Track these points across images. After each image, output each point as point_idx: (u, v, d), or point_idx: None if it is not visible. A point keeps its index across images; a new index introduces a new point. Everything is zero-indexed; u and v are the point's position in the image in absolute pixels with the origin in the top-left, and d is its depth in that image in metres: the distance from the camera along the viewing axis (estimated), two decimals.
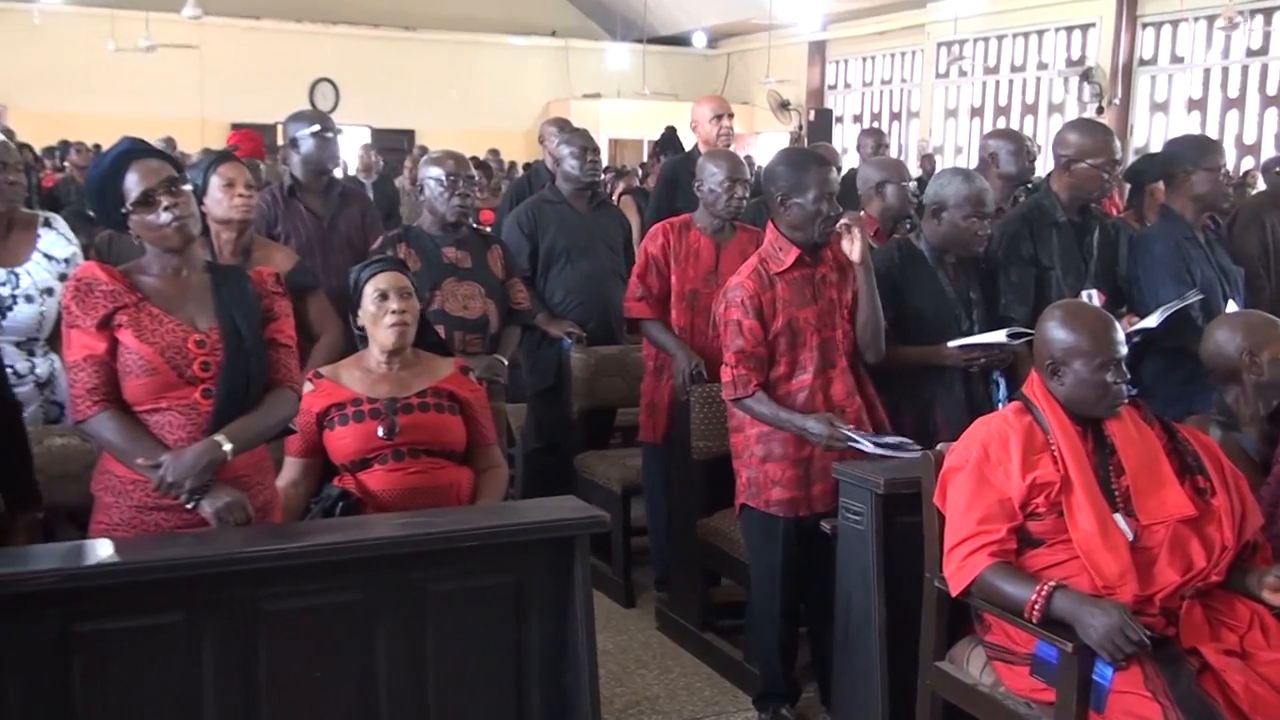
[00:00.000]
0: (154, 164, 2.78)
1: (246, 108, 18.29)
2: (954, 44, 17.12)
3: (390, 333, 3.32)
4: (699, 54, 22.02)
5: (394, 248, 4.14)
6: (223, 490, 2.70)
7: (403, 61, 20.30)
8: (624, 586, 4.80)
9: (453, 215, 4.24)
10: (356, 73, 19.85)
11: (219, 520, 2.68)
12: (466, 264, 4.22)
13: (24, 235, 3.56)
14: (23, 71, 17.86)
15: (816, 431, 3.52)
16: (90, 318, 2.73)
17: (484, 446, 3.48)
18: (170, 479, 2.65)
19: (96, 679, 2.45)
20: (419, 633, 2.71)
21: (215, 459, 2.69)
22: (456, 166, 4.28)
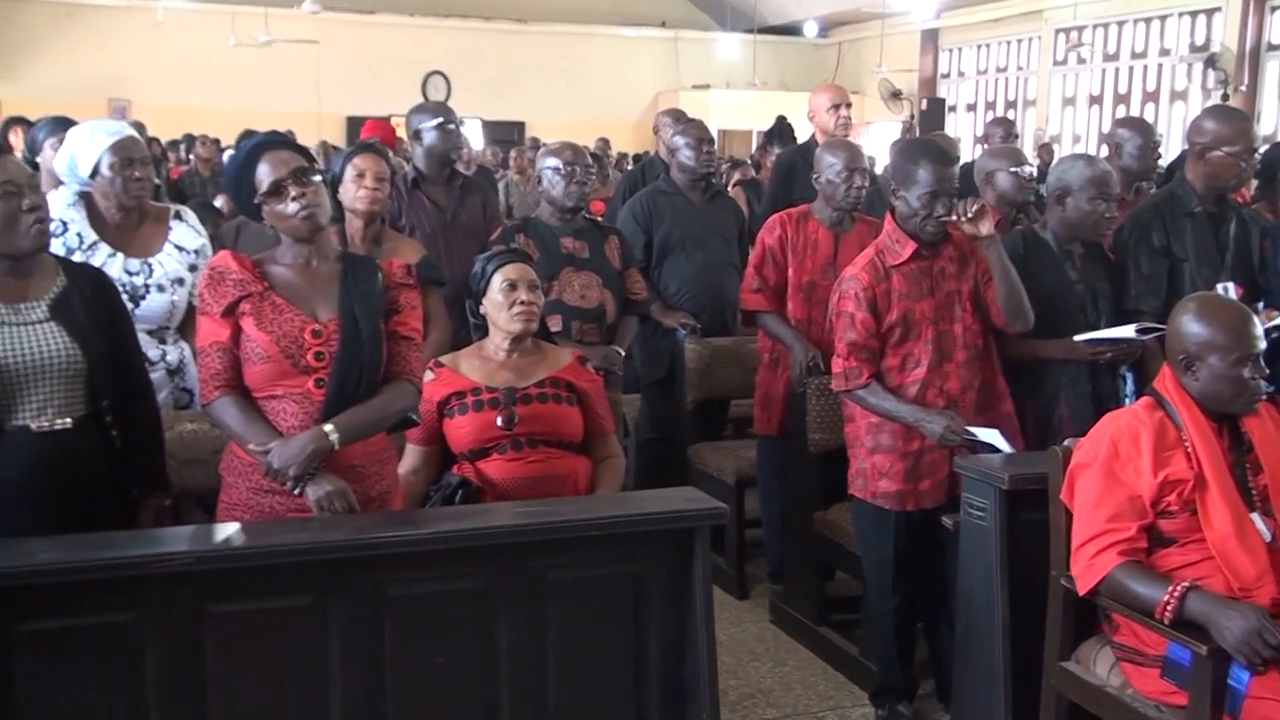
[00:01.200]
0: (284, 155, 2.83)
1: (361, 101, 18.59)
2: (1072, 30, 16.70)
3: (517, 321, 3.34)
4: (809, 44, 21.82)
5: (513, 238, 4.17)
6: (326, 479, 2.74)
7: (513, 53, 20.46)
8: (737, 578, 4.79)
9: (571, 201, 4.26)
10: (468, 65, 20.06)
11: (318, 508, 2.72)
12: (584, 254, 4.24)
13: (156, 227, 3.66)
14: (146, 67, 18.40)
15: (931, 428, 3.47)
16: (217, 305, 2.80)
17: (602, 436, 3.49)
18: (276, 465, 2.71)
19: (229, 658, 2.51)
20: (539, 621, 2.73)
21: (321, 448, 2.72)
22: (573, 156, 4.30)
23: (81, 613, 2.43)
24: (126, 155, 3.52)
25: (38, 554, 2.43)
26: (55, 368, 2.76)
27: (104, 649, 2.44)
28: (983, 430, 3.47)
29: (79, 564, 2.41)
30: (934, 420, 3.49)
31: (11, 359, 2.71)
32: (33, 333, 2.76)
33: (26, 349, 2.74)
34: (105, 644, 2.44)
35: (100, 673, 2.45)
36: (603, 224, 4.64)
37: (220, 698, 2.52)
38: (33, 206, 2.74)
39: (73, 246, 3.49)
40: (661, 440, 5.14)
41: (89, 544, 2.53)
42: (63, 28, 18.52)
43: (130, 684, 2.46)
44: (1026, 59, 18.57)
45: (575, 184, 4.25)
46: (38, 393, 2.75)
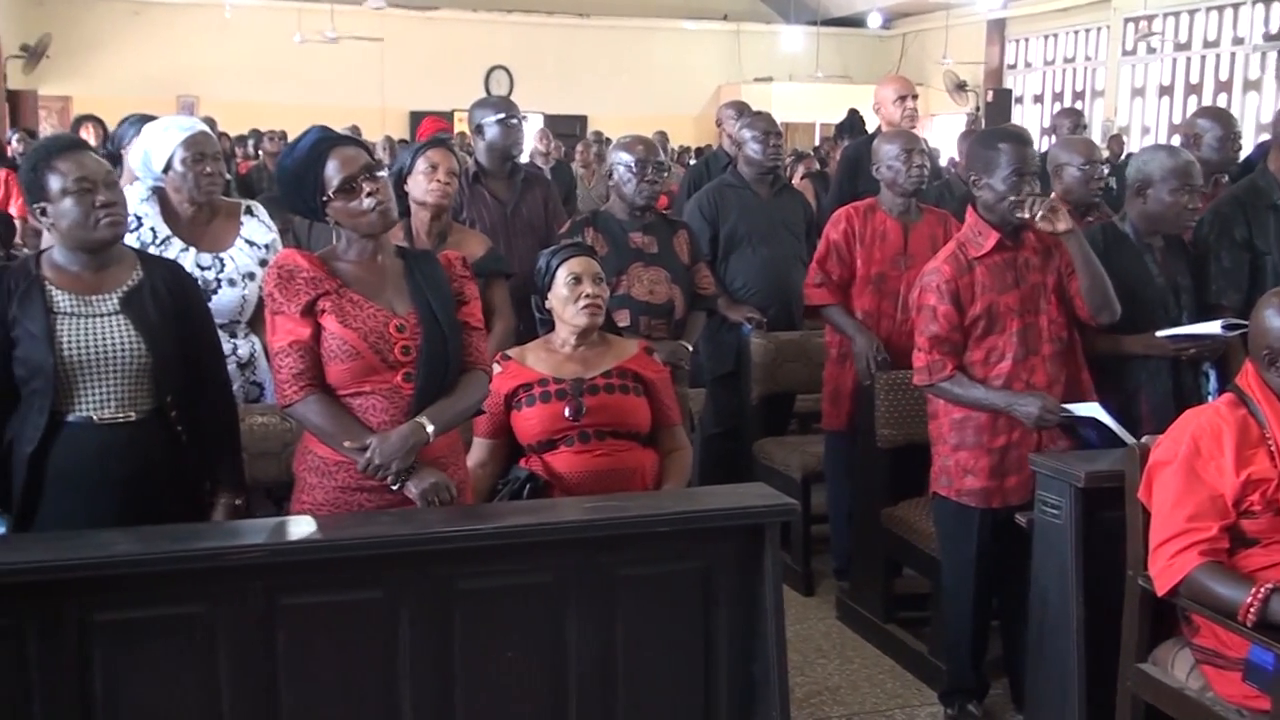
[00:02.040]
0: (351, 151, 2.83)
1: (424, 96, 18.73)
2: (1142, 19, 16.44)
3: (583, 314, 3.33)
4: (873, 35, 21.63)
5: (582, 232, 4.16)
6: (427, 471, 2.75)
7: (576, 48, 20.48)
8: (803, 575, 4.75)
9: (642, 199, 4.24)
10: (530, 60, 20.11)
11: (424, 501, 2.73)
12: (653, 249, 4.21)
13: (227, 222, 3.68)
14: (214, 64, 18.63)
15: (1026, 410, 3.41)
16: (294, 304, 2.79)
17: (669, 427, 3.47)
18: (378, 461, 2.71)
19: (300, 651, 2.53)
20: (608, 616, 2.72)
21: (419, 441, 2.74)
22: (646, 152, 4.28)
23: (156, 603, 2.46)
24: (199, 150, 3.55)
25: (114, 545, 2.46)
26: (121, 361, 2.78)
27: (178, 640, 2.47)
28: (1081, 405, 3.40)
29: (155, 556, 2.44)
30: (1028, 402, 3.42)
31: (77, 351, 2.74)
32: (101, 325, 2.78)
33: (93, 341, 2.76)
34: (179, 635, 2.47)
35: (174, 663, 2.47)
36: (672, 219, 4.61)
37: (291, 689, 2.53)
38: (106, 202, 2.76)
39: (146, 241, 3.52)
40: (726, 435, 5.11)
41: (163, 536, 2.56)
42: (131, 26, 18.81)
43: (203, 674, 2.48)
44: (1095, 49, 18.27)
45: (646, 182, 4.22)
46: (102, 385, 2.77)
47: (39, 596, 2.38)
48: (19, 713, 2.38)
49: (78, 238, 2.77)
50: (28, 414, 2.74)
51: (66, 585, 2.38)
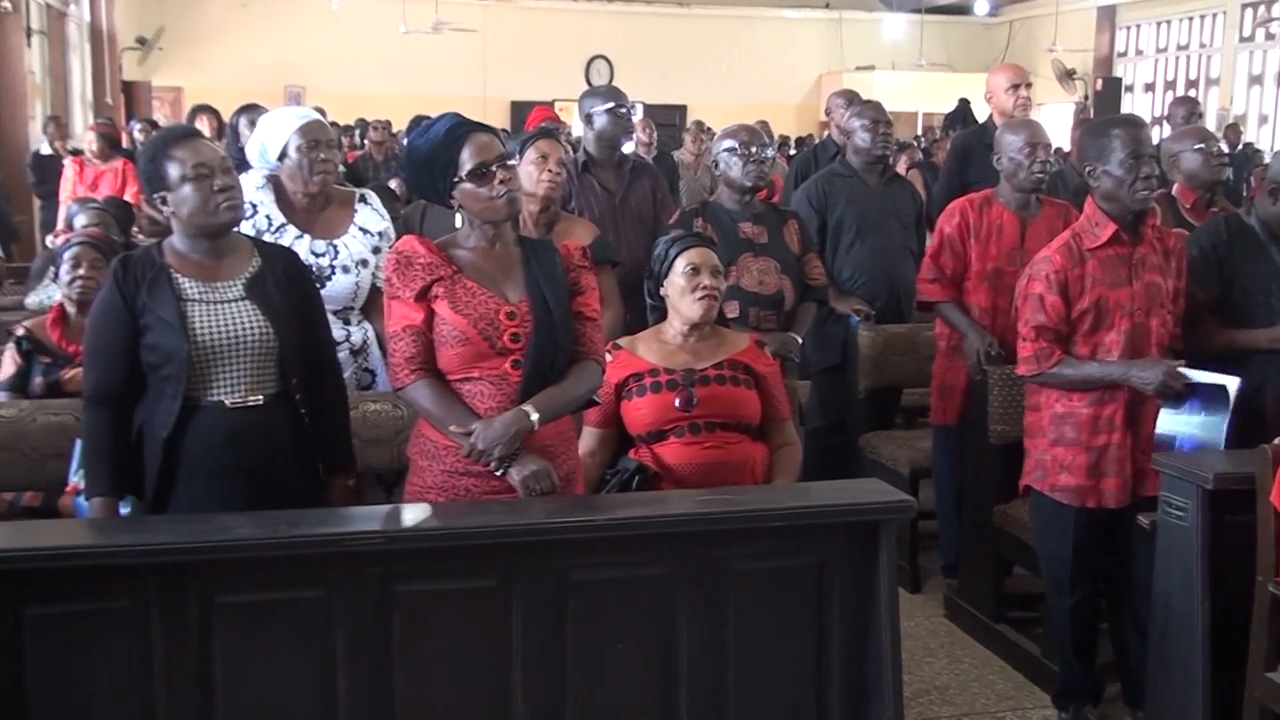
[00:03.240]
0: (486, 139, 2.84)
1: (525, 86, 18.87)
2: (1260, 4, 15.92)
3: (699, 306, 3.31)
4: (979, 23, 21.29)
5: (692, 222, 4.13)
6: (529, 459, 2.75)
7: (675, 37, 20.47)
8: (910, 571, 4.68)
9: (750, 180, 4.18)
10: (630, 49, 20.15)
11: (525, 488, 2.73)
12: (763, 239, 4.17)
13: (342, 210, 3.72)
14: (320, 55, 18.97)
15: (1146, 377, 3.32)
16: (409, 289, 2.81)
17: (779, 421, 3.44)
18: (481, 446, 2.72)
19: (414, 637, 2.54)
20: (720, 610, 2.69)
21: (523, 428, 2.74)
22: (749, 136, 4.23)
23: (276, 587, 2.49)
24: (313, 138, 3.59)
25: (236, 529, 2.49)
26: (249, 345, 2.83)
27: (296, 623, 2.50)
28: (1206, 374, 3.30)
29: (276, 540, 2.47)
30: (1148, 368, 3.33)
31: (208, 336, 2.79)
32: (228, 311, 2.83)
33: (222, 327, 2.81)
34: (297, 618, 2.49)
35: (292, 646, 2.50)
36: (781, 208, 4.57)
37: (405, 674, 2.55)
38: (224, 186, 2.80)
39: (262, 228, 3.57)
40: (830, 429, 5.05)
41: (284, 521, 2.59)
42: (241, 17, 19.23)
43: (320, 658, 2.50)
44: (1210, 35, 17.77)
45: (753, 163, 4.18)
46: (232, 369, 2.82)
47: (164, 578, 2.42)
48: (143, 692, 2.43)
49: (198, 223, 2.82)
50: (159, 400, 2.80)
51: (190, 567, 2.43)
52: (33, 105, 12.08)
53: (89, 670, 2.41)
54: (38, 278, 5.50)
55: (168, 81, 18.92)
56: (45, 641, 2.39)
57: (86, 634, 2.40)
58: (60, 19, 13.97)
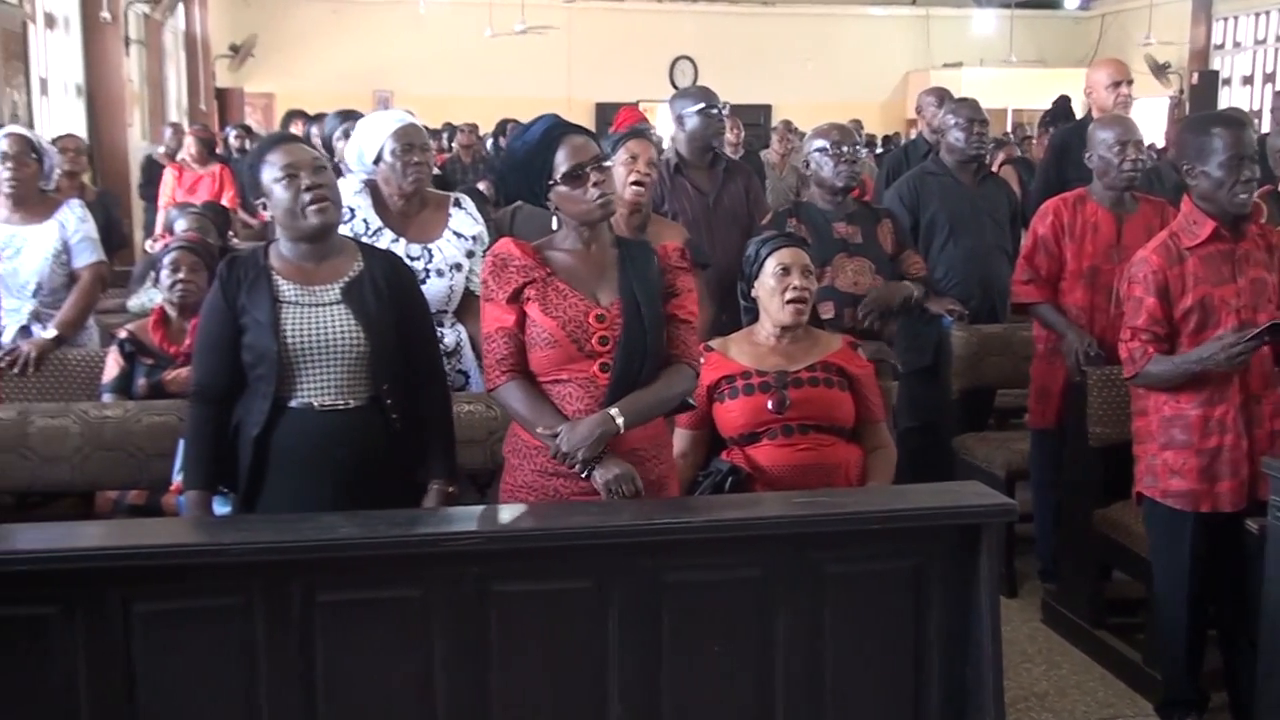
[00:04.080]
0: (581, 140, 2.84)
1: (609, 87, 18.90)
2: None
3: (789, 308, 3.30)
4: (1070, 17, 20.92)
5: (786, 222, 4.11)
6: (614, 462, 2.75)
7: (760, 36, 20.38)
8: (1006, 575, 4.60)
9: (841, 180, 4.14)
10: (714, 49, 20.08)
11: (607, 491, 2.73)
12: (857, 239, 4.13)
13: (437, 214, 3.76)
14: (408, 59, 19.19)
15: (1214, 358, 3.26)
16: (502, 291, 2.83)
17: (873, 424, 3.41)
18: (565, 448, 2.72)
19: (511, 637, 2.54)
20: (816, 613, 2.66)
21: (607, 431, 2.73)
22: (840, 136, 4.19)
23: (375, 586, 2.51)
24: (407, 141, 3.63)
25: (338, 528, 2.52)
26: (340, 350, 2.86)
27: (395, 622, 2.52)
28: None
29: (376, 540, 2.50)
30: (1208, 348, 3.29)
31: (300, 339, 2.83)
32: (323, 314, 2.87)
33: (315, 330, 2.85)
34: (396, 617, 2.52)
35: (391, 645, 2.52)
36: (875, 207, 4.52)
37: (501, 674, 2.56)
38: (312, 185, 2.84)
39: (359, 232, 3.61)
40: (921, 430, 4.99)
41: (382, 521, 2.62)
42: (331, 24, 19.51)
43: (418, 657, 2.52)
44: None
45: (845, 163, 4.13)
46: (322, 372, 2.85)
47: (267, 576, 2.46)
48: (247, 688, 2.47)
49: (289, 225, 2.87)
50: (253, 399, 2.86)
51: (292, 566, 2.46)
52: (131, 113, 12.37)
53: (195, 665, 2.46)
54: (139, 281, 5.63)
55: (260, 88, 19.27)
56: (153, 637, 2.44)
57: (193, 630, 2.45)
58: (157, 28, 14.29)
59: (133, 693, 2.44)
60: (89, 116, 11.57)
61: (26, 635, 2.40)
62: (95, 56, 11.65)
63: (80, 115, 11.44)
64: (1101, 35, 20.62)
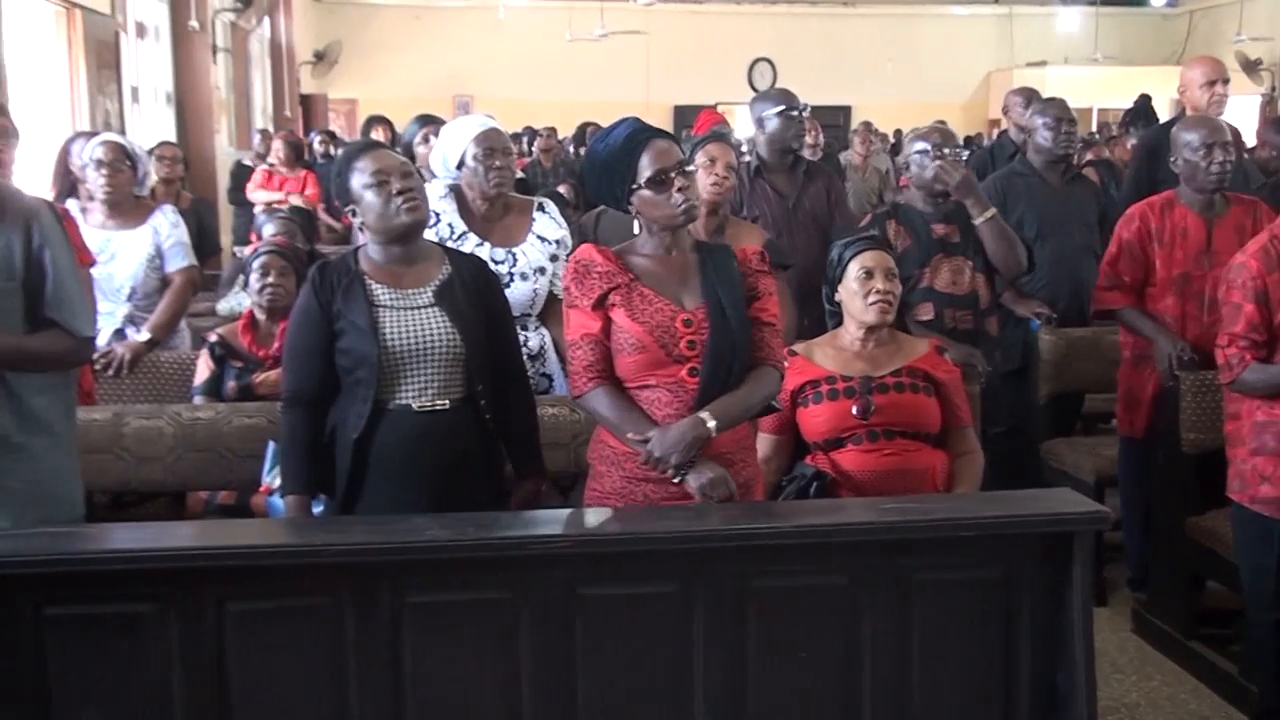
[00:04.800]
0: (664, 145, 2.83)
1: (688, 90, 18.91)
2: None
3: (873, 310, 3.27)
4: (1157, 13, 20.52)
5: (884, 224, 4.07)
6: (707, 466, 2.74)
7: (839, 37, 20.26)
8: (1096, 584, 4.50)
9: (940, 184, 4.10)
10: (794, 51, 19.99)
11: (702, 496, 2.72)
12: (955, 239, 4.07)
13: (520, 218, 3.78)
14: (487, 64, 19.33)
15: None
16: (587, 298, 2.82)
17: (960, 429, 3.37)
18: (658, 454, 2.71)
19: (598, 639, 2.55)
20: (904, 621, 2.63)
21: (700, 436, 2.72)
22: (942, 138, 4.15)
23: (463, 588, 2.53)
24: (489, 145, 3.65)
25: (426, 531, 2.55)
26: (437, 351, 2.89)
27: (482, 624, 2.54)
28: None
29: (465, 542, 2.51)
30: None
31: (397, 341, 2.86)
32: (418, 317, 2.90)
33: (411, 332, 2.88)
34: (484, 619, 2.53)
35: (478, 646, 2.54)
36: None
37: (588, 676, 2.56)
38: (402, 189, 2.87)
39: (444, 236, 3.64)
40: (1007, 434, 4.91)
41: (471, 524, 2.63)
42: (412, 30, 19.72)
43: (505, 659, 2.54)
44: None
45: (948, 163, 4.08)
46: (420, 374, 2.89)
47: (357, 577, 2.49)
48: (337, 687, 2.50)
49: (382, 228, 2.90)
50: (351, 402, 2.89)
51: (382, 567, 2.49)
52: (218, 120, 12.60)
53: (286, 664, 2.50)
54: (227, 285, 5.73)
55: (343, 93, 19.54)
56: (246, 635, 2.48)
57: (285, 629, 2.49)
58: (244, 37, 14.54)
59: (225, 690, 2.48)
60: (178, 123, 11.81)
61: (123, 633, 2.46)
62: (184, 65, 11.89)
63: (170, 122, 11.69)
64: (1190, 32, 20.19)
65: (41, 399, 2.88)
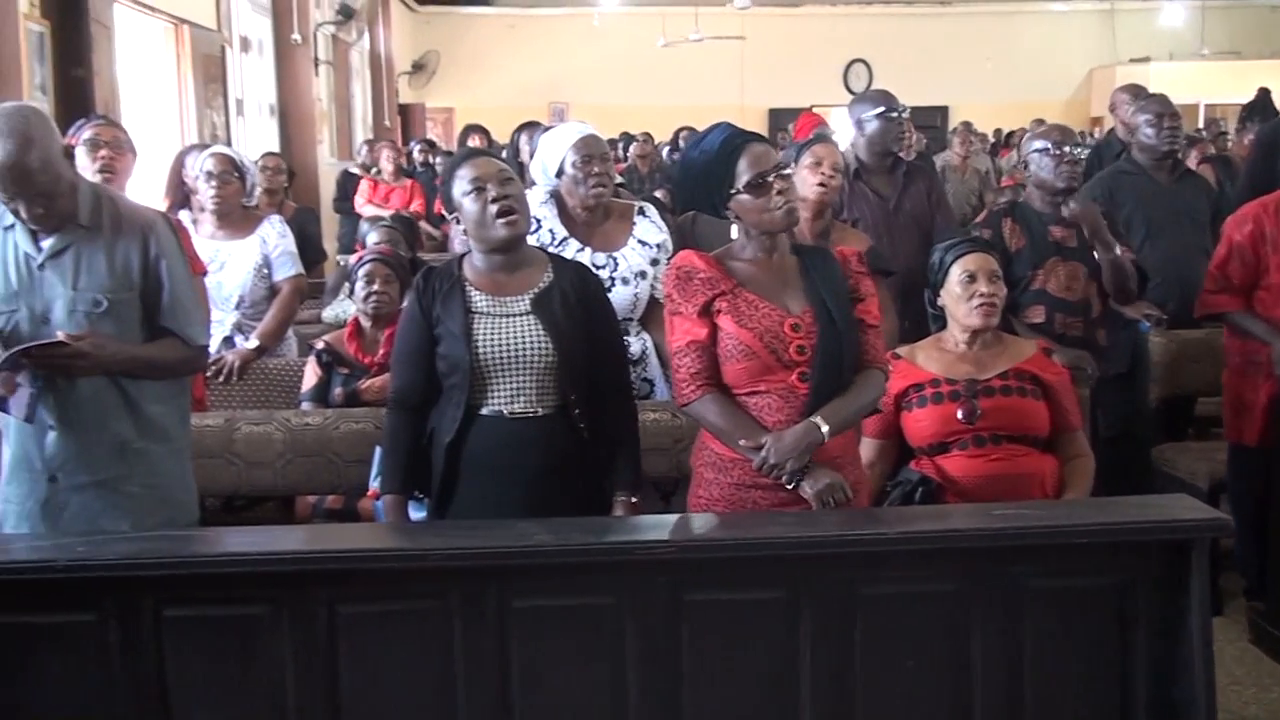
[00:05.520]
0: (761, 149, 2.82)
1: (782, 93, 18.84)
2: None
3: (977, 313, 3.22)
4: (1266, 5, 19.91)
5: (1000, 222, 4.00)
6: (822, 472, 2.72)
7: (936, 37, 20.01)
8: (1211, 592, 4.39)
9: (1062, 182, 4.00)
10: (890, 52, 19.78)
11: (819, 501, 2.70)
12: (1072, 243, 3.98)
13: (621, 223, 3.79)
14: (582, 70, 19.46)
15: None
16: (691, 305, 2.81)
17: (1069, 433, 3.31)
18: (773, 460, 2.70)
19: (703, 645, 2.54)
20: (1015, 630, 2.58)
21: (814, 441, 2.70)
22: (1062, 136, 4.06)
23: (569, 593, 2.54)
24: (585, 152, 3.67)
25: (532, 536, 2.56)
26: (529, 360, 2.90)
27: (588, 629, 2.54)
28: None
29: (570, 548, 2.52)
30: None
31: (490, 348, 2.89)
32: (513, 325, 2.92)
33: (506, 340, 2.90)
34: (589, 624, 2.54)
35: (584, 651, 2.55)
36: None
37: (693, 682, 2.55)
38: (498, 197, 2.89)
39: (545, 242, 3.66)
40: (1117, 439, 4.80)
41: (577, 529, 2.65)
42: (507, 39, 19.92)
43: (610, 663, 2.54)
44: None
45: (1066, 164, 3.99)
46: (512, 382, 2.91)
47: (465, 581, 2.51)
48: (446, 688, 2.52)
49: (479, 236, 2.93)
50: (446, 407, 2.93)
51: (489, 571, 2.51)
52: (320, 130, 12.84)
53: (396, 666, 2.52)
54: (333, 293, 5.84)
55: (440, 102, 19.80)
56: (356, 637, 2.51)
57: (394, 632, 2.52)
58: (344, 49, 14.80)
59: (336, 691, 2.52)
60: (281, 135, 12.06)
61: (238, 634, 2.51)
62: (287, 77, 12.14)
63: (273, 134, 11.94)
64: None
65: (159, 406, 2.97)
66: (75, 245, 2.86)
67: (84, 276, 2.85)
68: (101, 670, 2.47)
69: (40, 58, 6.22)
